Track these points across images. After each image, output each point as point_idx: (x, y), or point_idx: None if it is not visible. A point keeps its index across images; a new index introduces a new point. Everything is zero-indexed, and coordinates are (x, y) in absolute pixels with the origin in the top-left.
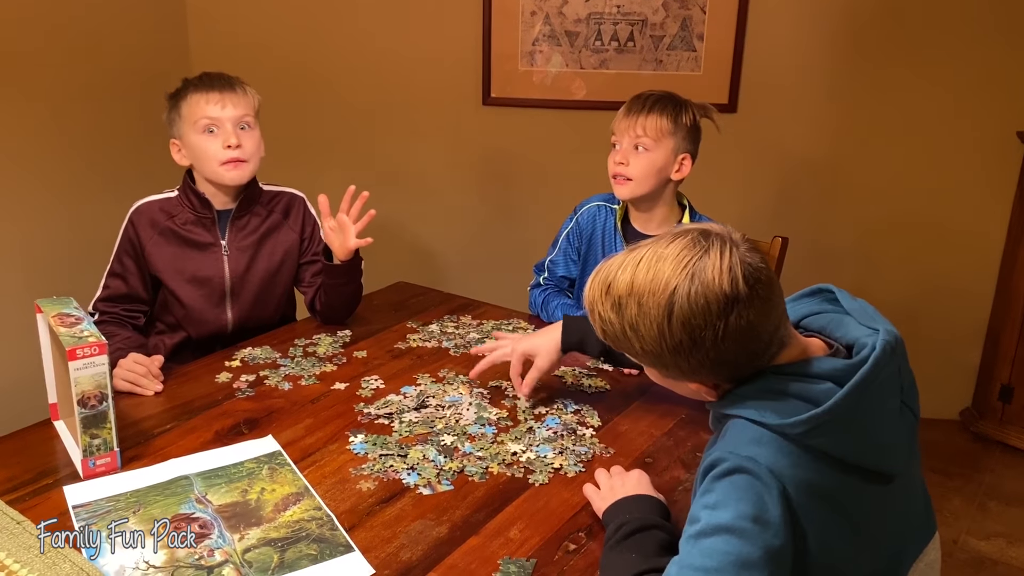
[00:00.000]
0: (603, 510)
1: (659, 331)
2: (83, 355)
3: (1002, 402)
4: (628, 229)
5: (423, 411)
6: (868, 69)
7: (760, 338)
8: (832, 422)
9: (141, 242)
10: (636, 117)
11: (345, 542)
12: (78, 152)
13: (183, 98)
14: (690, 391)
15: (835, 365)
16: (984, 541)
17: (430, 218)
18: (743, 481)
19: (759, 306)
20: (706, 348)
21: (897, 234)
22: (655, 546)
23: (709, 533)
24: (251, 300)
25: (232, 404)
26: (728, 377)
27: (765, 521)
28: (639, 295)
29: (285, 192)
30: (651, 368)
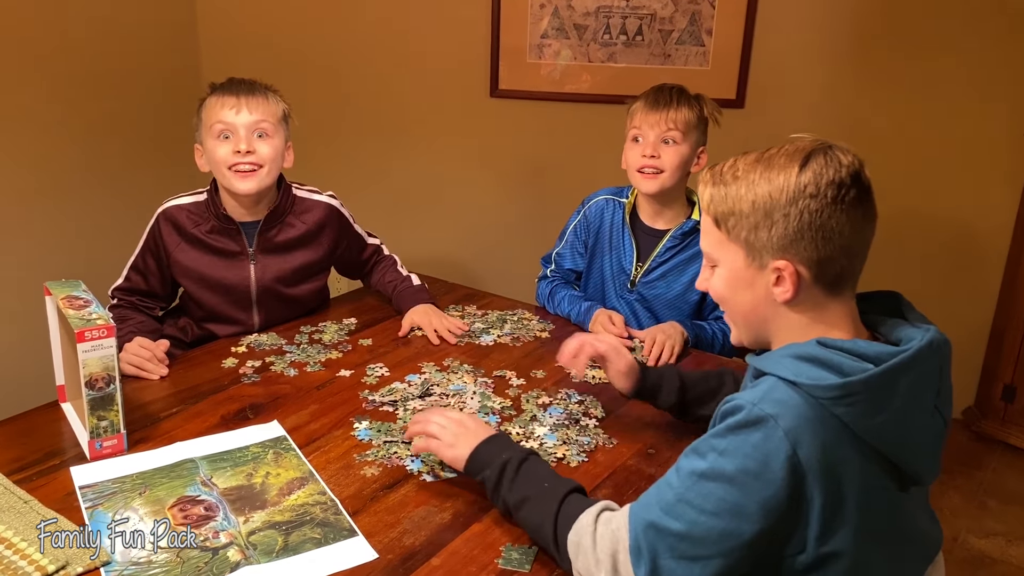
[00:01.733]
0: (465, 457)
1: (785, 178)
2: (91, 337)
3: (1005, 402)
4: (636, 223)
5: (427, 399)
6: (877, 65)
7: (852, 248)
8: (863, 395)
9: (166, 247)
10: (665, 111)
11: (349, 526)
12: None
13: (203, 102)
14: (756, 298)
15: (880, 349)
16: (984, 539)
17: (436, 208)
18: (755, 438)
19: (863, 217)
20: (819, 210)
21: (902, 232)
22: (547, 469)
23: (711, 477)
24: (279, 306)
25: (238, 389)
26: (814, 265)
27: (767, 480)
28: (770, 155)
29: (319, 202)
30: (739, 248)
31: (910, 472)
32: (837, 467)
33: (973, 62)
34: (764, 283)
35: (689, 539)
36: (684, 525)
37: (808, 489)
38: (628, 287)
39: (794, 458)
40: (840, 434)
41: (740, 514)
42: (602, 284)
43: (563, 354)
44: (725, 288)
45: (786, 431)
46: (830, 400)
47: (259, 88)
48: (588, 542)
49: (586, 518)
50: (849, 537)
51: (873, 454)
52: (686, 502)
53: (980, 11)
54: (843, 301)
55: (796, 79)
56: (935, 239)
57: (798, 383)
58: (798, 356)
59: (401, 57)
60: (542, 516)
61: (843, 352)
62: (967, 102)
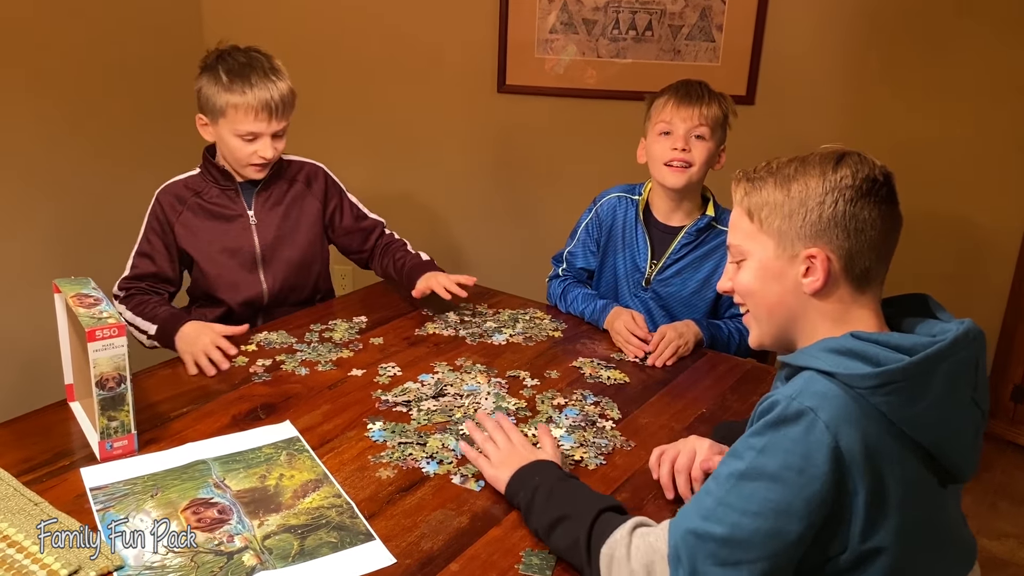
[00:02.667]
0: (504, 479)
1: (822, 171)
2: (102, 336)
3: (1014, 402)
4: (650, 221)
5: (441, 399)
6: (887, 62)
7: (879, 247)
8: (901, 384)
9: (169, 220)
10: (697, 106)
11: (366, 530)
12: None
13: (228, 98)
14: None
15: (915, 341)
16: (995, 541)
17: (444, 205)
18: (795, 432)
19: (892, 218)
20: (854, 199)
21: (913, 229)
22: (585, 494)
23: (752, 477)
24: (284, 269)
25: (249, 388)
26: (844, 255)
27: (811, 475)
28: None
29: (306, 162)
30: (770, 238)
31: (949, 466)
32: (879, 458)
33: (987, 58)
34: (793, 274)
35: (732, 543)
36: (726, 529)
37: (852, 481)
38: (643, 285)
39: (837, 449)
40: (880, 425)
41: (785, 513)
42: (615, 283)
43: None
44: (754, 280)
45: (827, 422)
46: (868, 390)
47: (282, 84)
48: (622, 553)
49: (620, 532)
50: (891, 534)
51: (913, 446)
52: (727, 505)
53: (994, 6)
54: (869, 301)
55: (807, 76)
56: (945, 238)
57: (835, 374)
58: (833, 349)
59: (408, 51)
60: (574, 535)
61: (878, 344)
62: (980, 99)
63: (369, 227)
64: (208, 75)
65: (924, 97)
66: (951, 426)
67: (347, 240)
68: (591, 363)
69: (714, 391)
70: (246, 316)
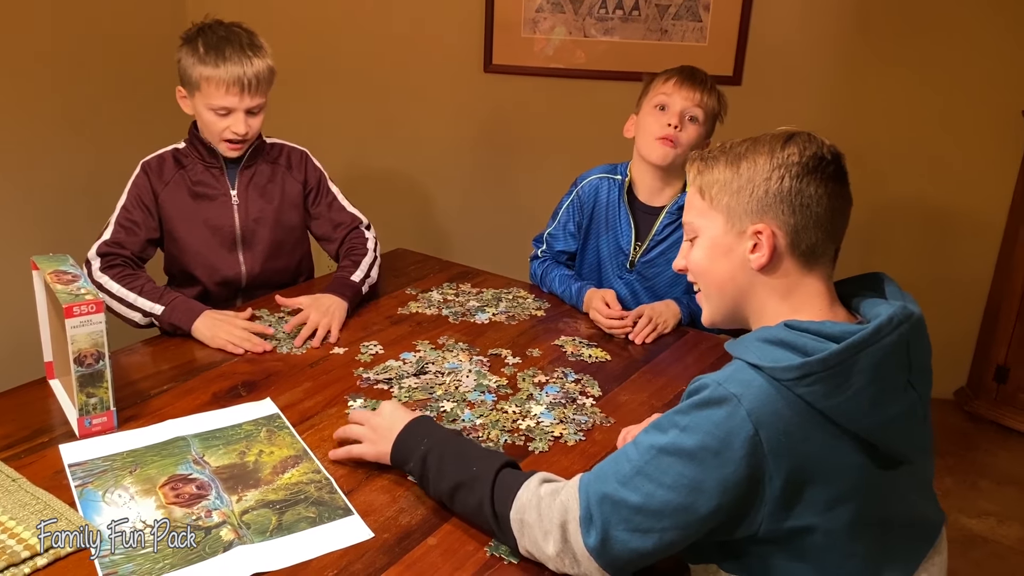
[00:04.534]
0: (387, 453)
1: (770, 149)
2: (80, 313)
3: (997, 382)
4: (633, 202)
5: (422, 377)
6: (874, 44)
7: (826, 224)
8: (824, 374)
9: (154, 189)
10: (698, 89)
11: (344, 505)
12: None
13: (201, 71)
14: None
15: (844, 329)
16: (975, 519)
17: (430, 185)
18: (718, 416)
19: (839, 196)
20: (800, 175)
21: (898, 211)
22: (477, 453)
23: (671, 452)
24: (264, 250)
25: (230, 366)
26: (790, 231)
27: (727, 458)
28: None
29: (289, 146)
30: (719, 214)
31: (888, 451)
32: (801, 449)
33: (973, 40)
34: (741, 251)
35: (644, 511)
36: (640, 497)
37: (767, 468)
38: (627, 267)
39: (755, 437)
40: (806, 415)
41: (697, 490)
42: (599, 265)
43: None
44: (704, 258)
45: (749, 411)
46: (792, 381)
47: (258, 61)
48: (533, 516)
49: (526, 493)
50: (817, 516)
51: (845, 434)
52: (644, 475)
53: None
54: (817, 278)
55: (794, 56)
56: (930, 219)
57: (761, 366)
58: (765, 339)
59: (394, 30)
60: (477, 499)
61: (808, 333)
62: (966, 79)
63: (340, 220)
64: (187, 47)
65: (911, 77)
66: (883, 412)
67: (316, 226)
68: (573, 341)
69: (695, 369)
70: (223, 296)
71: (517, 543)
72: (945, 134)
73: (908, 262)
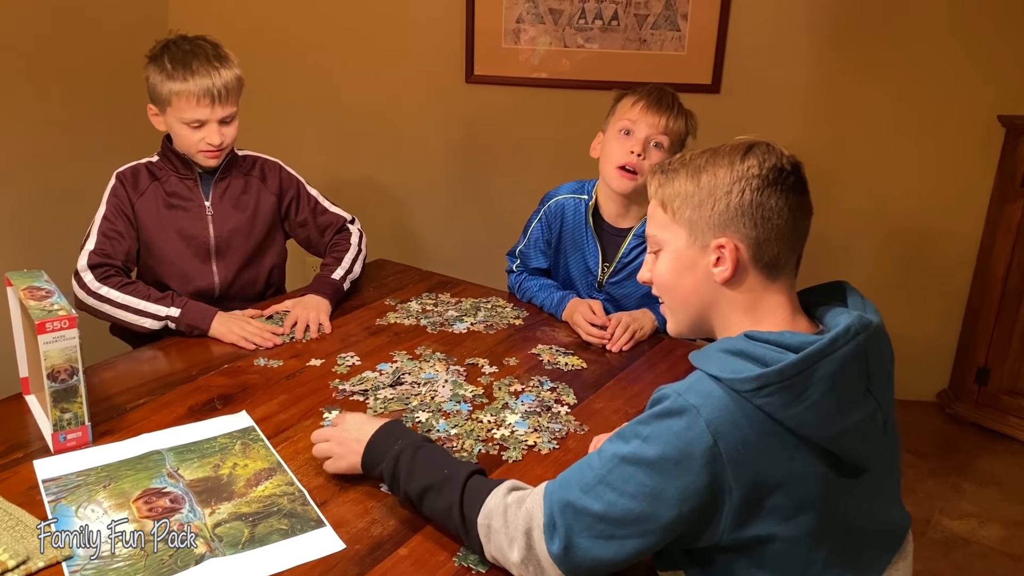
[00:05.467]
0: (358, 463)
1: (730, 162)
2: (53, 328)
3: (978, 384)
4: (599, 223)
5: (398, 388)
6: (851, 51)
7: (788, 235)
8: (782, 385)
9: (130, 199)
10: (666, 115)
11: (316, 517)
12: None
13: (171, 86)
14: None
15: (803, 339)
16: (957, 521)
17: (411, 195)
18: (678, 426)
19: (799, 207)
20: (760, 188)
21: (878, 216)
22: (447, 459)
23: (633, 462)
24: (238, 261)
25: (206, 379)
26: (752, 244)
27: (686, 467)
28: (715, 148)
29: (261, 157)
30: (682, 228)
31: (849, 459)
32: (760, 459)
33: (948, 47)
34: (705, 264)
35: (606, 519)
36: (602, 506)
37: (726, 479)
38: (596, 288)
39: (715, 449)
40: (765, 426)
41: (658, 499)
42: (571, 282)
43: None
44: (668, 271)
45: (707, 422)
46: (750, 392)
47: (225, 71)
48: (499, 523)
49: (493, 500)
50: (777, 525)
51: (805, 444)
52: (606, 484)
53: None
54: (780, 289)
55: (772, 65)
56: (909, 224)
57: (720, 377)
58: (726, 350)
59: (374, 41)
60: (446, 503)
61: (768, 344)
62: (942, 85)
63: (327, 222)
64: (154, 65)
65: (887, 86)
66: (842, 421)
67: (303, 232)
68: (550, 350)
69: (669, 375)
70: None
71: (483, 548)
72: (922, 139)
73: (887, 267)
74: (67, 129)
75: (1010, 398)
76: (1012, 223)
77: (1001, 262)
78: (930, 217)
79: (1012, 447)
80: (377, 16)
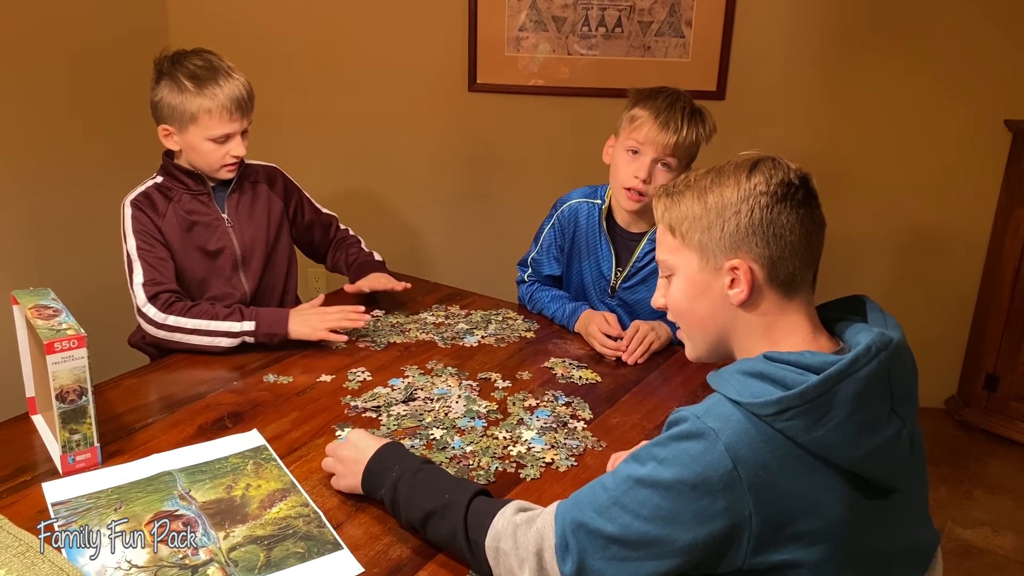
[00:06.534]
0: (357, 484)
1: (736, 181)
2: (61, 348)
3: (987, 391)
4: (613, 227)
5: (411, 404)
6: (857, 57)
7: (802, 250)
8: (803, 408)
9: (156, 224)
10: (673, 136)
11: (333, 539)
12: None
13: (200, 103)
14: (712, 304)
15: (823, 360)
16: (970, 530)
17: (415, 205)
18: (695, 449)
19: (811, 221)
20: (769, 206)
21: (885, 223)
22: (447, 481)
23: (648, 484)
24: (260, 268)
25: (216, 397)
26: (767, 263)
27: (703, 491)
28: (720, 167)
29: (262, 165)
30: (692, 251)
31: (877, 481)
32: (782, 484)
33: (954, 52)
34: (720, 287)
35: (620, 541)
36: (617, 528)
37: (746, 504)
38: (609, 293)
39: (733, 473)
40: (787, 450)
41: (674, 522)
42: (583, 289)
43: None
44: (682, 297)
45: (727, 446)
46: (771, 416)
47: (242, 80)
48: (508, 544)
49: (501, 520)
50: (800, 552)
51: (829, 467)
52: (620, 506)
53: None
54: (799, 306)
55: (777, 70)
56: (917, 229)
57: (740, 402)
58: (745, 372)
59: (376, 51)
60: (450, 527)
61: (788, 365)
62: (949, 92)
63: (327, 222)
64: (168, 83)
65: (893, 91)
66: (866, 443)
67: (309, 235)
68: (563, 363)
69: (684, 389)
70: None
71: (492, 571)
72: (928, 145)
73: (896, 272)
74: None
75: (1020, 404)
76: (1020, 228)
77: (1009, 268)
78: (938, 223)
79: (1023, 453)
80: (378, 26)
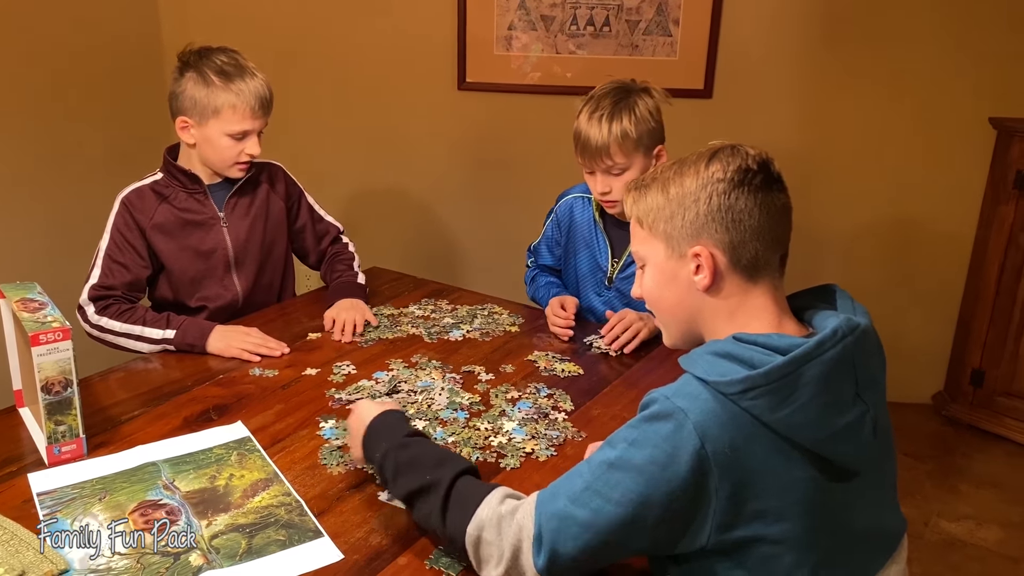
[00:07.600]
0: (360, 457)
1: (696, 170)
2: (46, 341)
3: (973, 386)
4: (608, 219)
5: (395, 396)
6: (842, 55)
7: (764, 234)
8: (768, 388)
9: (140, 224)
10: (600, 152)
11: (314, 527)
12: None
13: (226, 98)
14: (680, 291)
15: (790, 342)
16: (954, 523)
17: (403, 203)
18: (665, 429)
19: (773, 203)
20: (727, 192)
21: (871, 220)
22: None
23: (620, 467)
24: (255, 269)
25: (202, 390)
26: (728, 249)
27: (673, 471)
28: (683, 158)
29: (264, 162)
30: (659, 241)
31: (839, 463)
32: (746, 460)
33: (939, 50)
34: (686, 274)
35: (592, 526)
36: (589, 513)
37: (713, 481)
38: (606, 284)
39: (702, 451)
40: (752, 429)
41: (645, 503)
42: (578, 281)
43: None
44: (653, 286)
45: (695, 424)
46: (736, 395)
47: (263, 78)
48: (492, 535)
49: (486, 510)
50: (763, 529)
51: (793, 447)
52: (593, 490)
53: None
54: (764, 291)
55: (764, 69)
56: (903, 226)
57: (707, 380)
58: (714, 352)
59: (365, 50)
60: (430, 508)
61: (755, 346)
62: (934, 90)
63: (323, 230)
64: (194, 76)
65: (879, 90)
66: (830, 425)
67: (301, 239)
68: (546, 356)
69: (667, 379)
70: (221, 321)
71: (470, 556)
72: (915, 142)
73: (882, 270)
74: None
75: (1005, 399)
76: (1005, 224)
77: (994, 264)
78: (923, 219)
79: (1008, 448)
80: (368, 24)
